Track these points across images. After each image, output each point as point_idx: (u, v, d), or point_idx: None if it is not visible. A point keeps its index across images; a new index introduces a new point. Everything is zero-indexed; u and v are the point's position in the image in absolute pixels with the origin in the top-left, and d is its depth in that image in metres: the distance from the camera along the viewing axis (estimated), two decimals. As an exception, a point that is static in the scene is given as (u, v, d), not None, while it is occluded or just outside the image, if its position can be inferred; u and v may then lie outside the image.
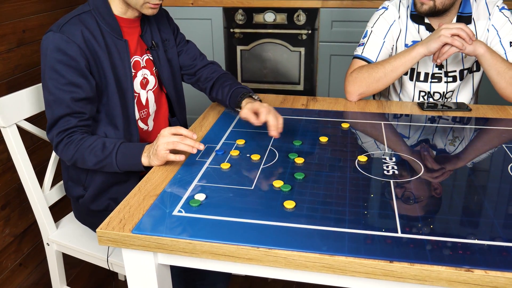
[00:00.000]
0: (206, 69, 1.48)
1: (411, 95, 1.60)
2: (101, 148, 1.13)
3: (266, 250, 0.81)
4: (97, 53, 1.19)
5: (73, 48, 1.14)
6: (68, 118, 1.16)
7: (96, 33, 1.19)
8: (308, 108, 1.48)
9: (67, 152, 1.16)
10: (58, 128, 1.16)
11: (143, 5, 1.21)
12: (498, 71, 1.38)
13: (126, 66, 1.25)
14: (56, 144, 1.17)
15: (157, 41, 1.36)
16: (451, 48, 1.35)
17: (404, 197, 0.96)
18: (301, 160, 1.12)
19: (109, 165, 1.14)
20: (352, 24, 2.50)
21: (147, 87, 1.35)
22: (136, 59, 1.31)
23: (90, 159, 1.14)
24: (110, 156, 1.13)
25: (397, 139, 1.25)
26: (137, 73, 1.30)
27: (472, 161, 1.13)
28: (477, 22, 1.50)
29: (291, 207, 0.92)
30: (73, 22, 1.17)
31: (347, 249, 0.80)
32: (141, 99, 1.33)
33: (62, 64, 1.14)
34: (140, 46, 1.32)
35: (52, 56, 1.14)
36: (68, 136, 1.16)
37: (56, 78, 1.14)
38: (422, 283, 0.77)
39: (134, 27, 1.30)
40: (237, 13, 2.61)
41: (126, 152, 1.13)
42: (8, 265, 1.74)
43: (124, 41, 1.24)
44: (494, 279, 0.74)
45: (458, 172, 1.08)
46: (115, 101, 1.23)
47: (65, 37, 1.14)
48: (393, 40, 1.55)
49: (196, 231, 0.86)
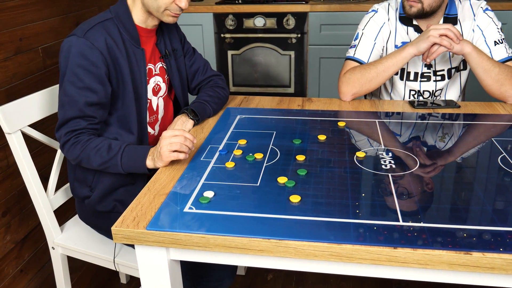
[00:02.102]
0: (206, 82, 1.53)
1: (402, 94, 1.66)
2: (107, 149, 1.17)
3: (276, 241, 0.85)
4: (118, 60, 1.23)
5: (96, 54, 1.18)
6: (79, 121, 1.19)
7: (118, 41, 1.23)
8: (304, 109, 1.53)
9: (73, 152, 1.19)
10: (67, 128, 1.19)
11: (164, 13, 1.25)
12: (484, 69, 1.45)
13: (142, 73, 1.29)
14: (63, 143, 1.20)
15: (169, 50, 1.41)
16: (440, 48, 1.41)
17: (402, 189, 1.01)
18: (302, 157, 1.16)
19: (114, 166, 1.17)
20: (340, 27, 2.57)
21: (159, 94, 1.39)
22: (149, 66, 1.35)
23: (96, 159, 1.17)
24: (115, 157, 1.16)
25: (392, 136, 1.31)
26: (149, 80, 1.35)
27: (464, 155, 1.19)
28: (463, 23, 1.57)
29: (296, 201, 0.97)
30: (97, 29, 1.21)
31: (353, 238, 0.85)
32: (152, 105, 1.38)
33: (83, 68, 1.17)
34: (154, 54, 1.37)
35: (74, 60, 1.17)
36: (75, 136, 1.19)
37: (74, 81, 1.18)
38: (424, 267, 0.82)
39: (151, 36, 1.35)
40: (227, 18, 2.66)
41: (131, 154, 1.17)
42: (10, 272, 1.75)
43: (141, 50, 1.29)
44: (491, 261, 0.80)
45: (453, 166, 1.14)
46: (131, 107, 1.26)
47: (89, 43, 1.18)
48: (383, 41, 1.61)
49: (208, 226, 0.90)
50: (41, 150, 1.86)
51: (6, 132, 1.27)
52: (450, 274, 0.85)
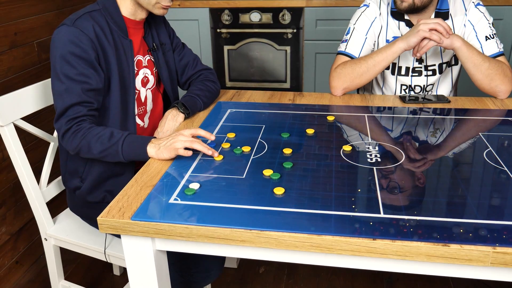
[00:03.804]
0: (196, 76, 1.54)
1: (393, 88, 1.67)
2: (109, 136, 1.17)
3: (258, 232, 0.87)
4: (105, 48, 1.25)
5: (85, 41, 1.20)
6: (78, 107, 1.20)
7: (105, 30, 1.26)
8: (295, 103, 1.54)
9: (73, 140, 1.19)
10: (68, 117, 1.19)
11: (155, 5, 1.28)
12: (474, 64, 1.46)
13: (130, 64, 1.31)
14: (64, 132, 1.20)
15: (157, 44, 1.43)
16: (430, 42, 1.42)
17: (386, 182, 1.03)
18: (289, 150, 1.18)
19: (114, 153, 1.17)
20: (336, 23, 2.57)
21: (147, 85, 1.41)
22: (139, 58, 1.37)
23: (96, 146, 1.17)
24: (116, 144, 1.17)
25: (380, 130, 1.32)
26: (139, 71, 1.37)
27: (452, 150, 1.20)
28: (454, 17, 1.57)
29: (280, 193, 0.98)
30: (85, 18, 1.24)
31: (333, 229, 0.86)
32: (141, 96, 1.39)
33: (75, 55, 1.19)
34: (142, 46, 1.39)
35: (65, 48, 1.19)
36: (77, 124, 1.19)
37: (68, 69, 1.19)
38: (403, 258, 0.83)
39: (139, 28, 1.37)
40: (223, 13, 2.67)
41: (132, 141, 1.17)
42: (5, 263, 1.77)
43: (129, 41, 1.31)
44: (469, 252, 0.81)
45: (438, 160, 1.15)
46: (116, 96, 1.28)
47: (78, 30, 1.20)
48: (374, 36, 1.61)
49: (192, 216, 0.91)
50: (35, 144, 1.87)
51: (-2, 125, 1.29)
52: (429, 266, 0.86)
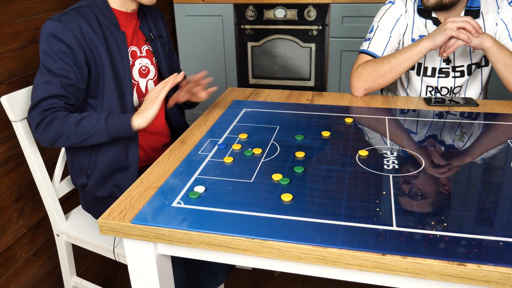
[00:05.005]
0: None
1: (418, 90, 1.59)
2: (89, 119, 1.17)
3: (260, 241, 0.82)
4: (94, 42, 1.23)
5: (69, 36, 1.19)
6: (54, 100, 1.18)
7: (94, 24, 1.24)
8: (313, 104, 1.48)
9: (49, 131, 1.17)
10: (41, 108, 1.17)
11: None
12: (505, 65, 1.36)
13: (124, 56, 1.29)
14: (37, 123, 1.17)
15: (154, 34, 1.42)
16: (457, 42, 1.33)
17: (401, 191, 0.96)
18: (301, 154, 1.12)
19: (98, 133, 1.17)
20: (363, 20, 2.49)
21: (148, 76, 1.39)
22: (132, 49, 1.35)
23: (76, 131, 1.16)
24: (98, 123, 1.16)
25: (400, 134, 1.25)
26: (134, 61, 1.35)
27: (477, 158, 1.12)
28: (486, 16, 1.48)
29: (288, 200, 0.93)
30: (71, 13, 1.23)
31: (340, 242, 0.81)
32: (141, 87, 1.37)
33: (56, 50, 1.18)
34: (137, 37, 1.37)
35: (48, 42, 1.19)
36: (52, 113, 1.17)
37: (49, 63, 1.19)
38: (414, 276, 0.78)
39: (131, 19, 1.35)
40: (247, 9, 2.62)
41: (115, 118, 1.19)
42: (22, 256, 1.79)
43: (122, 33, 1.29)
44: (487, 273, 0.74)
45: (461, 169, 1.07)
46: (112, 89, 1.26)
47: (62, 26, 1.19)
48: (399, 34, 1.54)
49: (194, 222, 0.88)
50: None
51: (11, 120, 1.29)
52: (443, 285, 0.80)
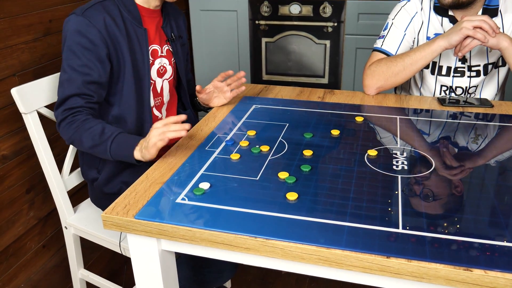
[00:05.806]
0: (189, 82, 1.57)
1: (432, 89, 1.56)
2: (100, 133, 1.15)
3: (263, 240, 0.81)
4: (117, 38, 1.22)
5: (93, 32, 1.18)
6: (76, 98, 1.19)
7: (118, 20, 1.23)
8: (324, 101, 1.46)
9: (67, 131, 1.19)
10: (65, 106, 1.19)
11: None
12: (523, 66, 1.33)
13: (144, 53, 1.28)
14: (60, 121, 1.20)
15: (175, 35, 1.40)
16: (473, 41, 1.30)
17: (409, 193, 0.94)
18: (309, 152, 1.11)
19: (103, 151, 1.16)
20: (379, 17, 2.45)
21: (164, 76, 1.38)
22: (154, 47, 1.34)
23: (87, 141, 1.16)
24: (105, 142, 1.15)
25: (412, 134, 1.23)
26: (154, 61, 1.34)
27: (489, 161, 1.09)
28: (504, 14, 1.44)
29: (293, 199, 0.92)
30: (96, 8, 1.21)
31: (344, 243, 0.79)
32: (156, 87, 1.36)
33: (80, 46, 1.18)
34: (159, 35, 1.35)
35: (72, 37, 1.18)
36: (72, 115, 1.19)
37: (72, 58, 1.18)
38: (419, 280, 0.76)
39: (154, 17, 1.33)
40: (262, 4, 2.61)
41: (121, 141, 1.14)
42: (32, 247, 1.81)
43: (144, 29, 1.28)
44: (494, 280, 0.72)
45: (472, 171, 1.05)
46: (130, 86, 1.26)
47: (87, 21, 1.18)
48: (414, 32, 1.51)
49: (197, 219, 0.87)
50: (60, 135, 1.89)
51: (22, 112, 1.30)
52: (449, 290, 0.78)
